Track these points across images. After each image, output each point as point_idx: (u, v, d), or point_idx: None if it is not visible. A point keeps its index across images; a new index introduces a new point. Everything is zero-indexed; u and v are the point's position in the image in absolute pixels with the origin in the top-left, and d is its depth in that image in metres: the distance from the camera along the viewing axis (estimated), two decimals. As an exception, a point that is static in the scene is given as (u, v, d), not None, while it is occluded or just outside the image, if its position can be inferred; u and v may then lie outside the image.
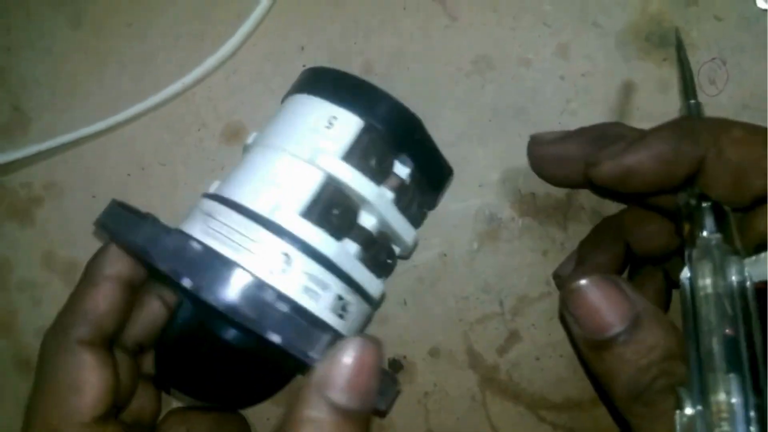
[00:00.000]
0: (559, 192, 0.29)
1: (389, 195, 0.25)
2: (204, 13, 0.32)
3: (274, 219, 0.22)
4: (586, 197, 0.29)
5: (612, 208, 0.29)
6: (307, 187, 0.23)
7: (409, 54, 0.30)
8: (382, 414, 0.30)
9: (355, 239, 0.24)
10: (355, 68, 0.30)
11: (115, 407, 0.25)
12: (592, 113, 0.29)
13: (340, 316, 0.23)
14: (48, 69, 0.33)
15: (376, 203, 0.24)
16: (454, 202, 0.30)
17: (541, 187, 0.29)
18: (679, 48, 0.26)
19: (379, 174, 0.24)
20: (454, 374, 0.30)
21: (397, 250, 0.27)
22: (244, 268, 0.21)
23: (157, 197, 0.32)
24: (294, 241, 0.22)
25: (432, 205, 0.29)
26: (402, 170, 0.25)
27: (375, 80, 0.30)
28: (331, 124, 0.24)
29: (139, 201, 0.25)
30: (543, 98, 0.29)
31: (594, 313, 0.20)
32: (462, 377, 0.30)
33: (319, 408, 0.19)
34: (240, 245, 0.22)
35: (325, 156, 0.23)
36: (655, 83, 0.28)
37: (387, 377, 0.23)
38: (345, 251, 0.23)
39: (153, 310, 0.27)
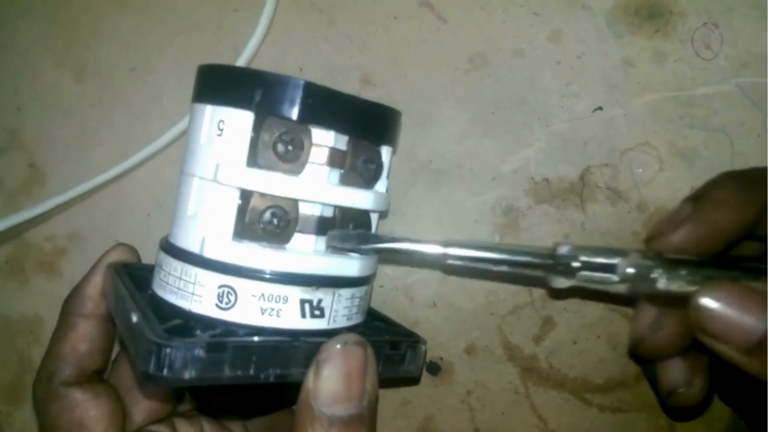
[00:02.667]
0: (572, 174, 0.29)
1: (321, 171, 0.23)
2: (202, 49, 0.33)
3: (204, 254, 0.22)
4: (600, 176, 0.29)
5: (628, 185, 0.29)
6: (225, 209, 0.22)
7: (405, 61, 0.31)
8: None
9: (305, 232, 0.23)
10: (353, 82, 0.31)
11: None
12: (594, 92, 0.29)
13: (319, 316, 0.22)
14: (58, 123, 0.34)
15: (308, 190, 0.22)
16: (470, 197, 0.30)
17: (554, 172, 0.29)
18: None
19: (297, 157, 0.22)
20: (494, 369, 0.30)
21: (370, 210, 0.25)
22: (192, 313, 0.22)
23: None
24: (231, 270, 0.22)
25: (389, 143, 0.25)
26: (326, 137, 0.22)
27: (375, 91, 0.31)
28: (221, 130, 0.22)
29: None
30: (542, 85, 0.29)
31: (733, 326, 0.18)
32: (502, 371, 0.30)
33: (320, 423, 0.20)
34: (187, 292, 0.22)
35: (226, 169, 0.22)
36: (650, 55, 0.28)
37: (407, 342, 0.24)
38: (296, 252, 0.23)
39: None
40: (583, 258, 0.21)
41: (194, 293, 0.22)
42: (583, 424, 0.29)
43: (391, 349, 0.24)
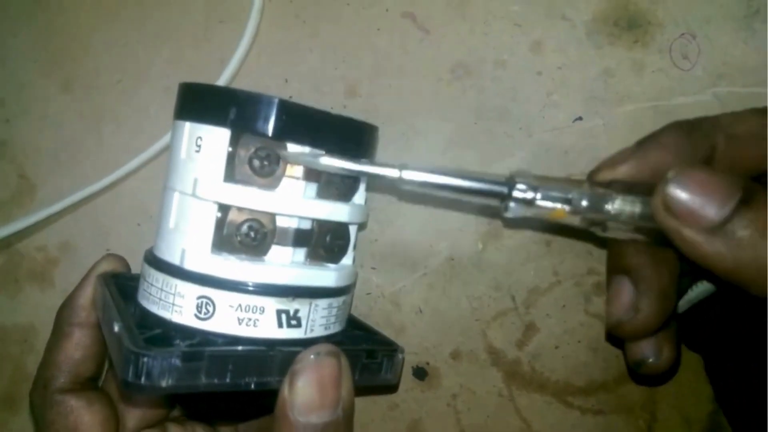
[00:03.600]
0: (553, 183, 0.30)
1: (298, 185, 0.23)
2: (189, 61, 0.33)
3: (184, 266, 0.23)
4: (579, 184, 0.30)
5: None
6: (204, 222, 0.23)
7: (389, 71, 0.31)
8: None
9: (283, 244, 0.23)
10: (338, 92, 0.31)
11: None
12: (575, 102, 0.29)
13: (296, 325, 0.23)
14: (47, 134, 0.34)
15: (284, 203, 0.23)
16: (454, 206, 0.31)
17: (535, 181, 0.30)
18: None
19: (272, 171, 0.23)
20: (478, 373, 0.31)
21: (347, 222, 0.25)
22: (174, 324, 0.22)
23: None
24: (209, 281, 0.22)
25: (366, 156, 0.25)
26: (301, 152, 0.23)
27: (359, 101, 0.31)
28: (199, 146, 0.23)
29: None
30: (524, 95, 0.30)
31: (699, 205, 0.18)
32: (486, 375, 0.31)
33: (296, 431, 0.21)
34: (168, 302, 0.23)
35: (204, 184, 0.22)
36: (629, 66, 0.29)
37: (384, 351, 0.25)
38: (273, 264, 0.23)
39: None
40: (538, 187, 0.22)
41: (174, 304, 0.23)
42: (565, 426, 0.30)
43: (367, 358, 0.24)
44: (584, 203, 0.21)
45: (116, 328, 0.21)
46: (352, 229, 0.26)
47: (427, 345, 0.31)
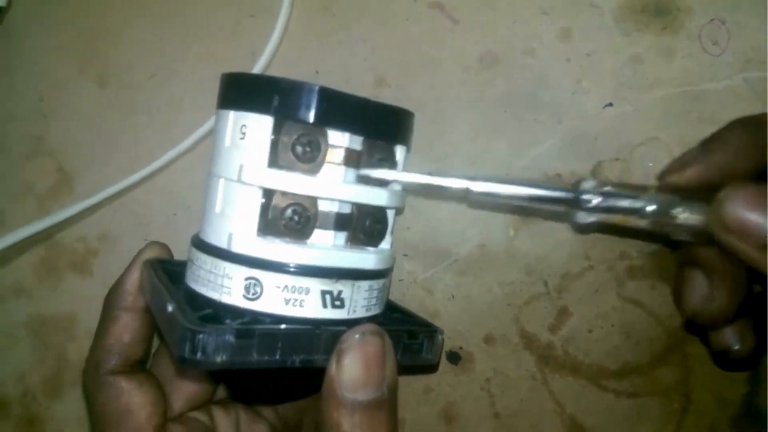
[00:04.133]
0: (585, 168, 0.30)
1: (338, 170, 0.24)
2: (220, 55, 0.34)
3: (232, 249, 0.23)
4: (611, 170, 0.30)
5: (640, 179, 0.30)
6: (250, 207, 0.23)
7: (418, 61, 0.31)
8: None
9: (325, 228, 0.24)
10: (368, 83, 0.32)
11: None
12: (604, 88, 0.30)
13: (339, 306, 0.24)
14: (83, 129, 0.35)
15: (326, 188, 0.24)
16: (484, 193, 0.31)
17: (566, 167, 0.30)
18: None
19: (314, 157, 0.24)
20: (512, 357, 0.31)
21: (385, 206, 0.26)
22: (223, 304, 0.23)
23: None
24: (256, 263, 0.23)
25: (402, 142, 0.26)
26: (341, 138, 0.24)
27: (389, 91, 0.32)
28: (243, 133, 0.24)
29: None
30: (554, 82, 0.30)
31: (751, 222, 0.19)
32: (519, 359, 0.31)
33: (344, 407, 0.21)
34: (217, 284, 0.23)
35: (249, 170, 0.23)
36: (658, 52, 0.29)
37: (424, 332, 0.25)
38: (317, 246, 0.24)
39: None
40: (605, 193, 0.22)
41: (223, 285, 0.23)
42: (599, 409, 0.31)
43: (409, 338, 0.25)
44: (650, 210, 0.22)
45: (170, 308, 0.22)
46: (390, 214, 0.27)
47: (460, 329, 0.32)
